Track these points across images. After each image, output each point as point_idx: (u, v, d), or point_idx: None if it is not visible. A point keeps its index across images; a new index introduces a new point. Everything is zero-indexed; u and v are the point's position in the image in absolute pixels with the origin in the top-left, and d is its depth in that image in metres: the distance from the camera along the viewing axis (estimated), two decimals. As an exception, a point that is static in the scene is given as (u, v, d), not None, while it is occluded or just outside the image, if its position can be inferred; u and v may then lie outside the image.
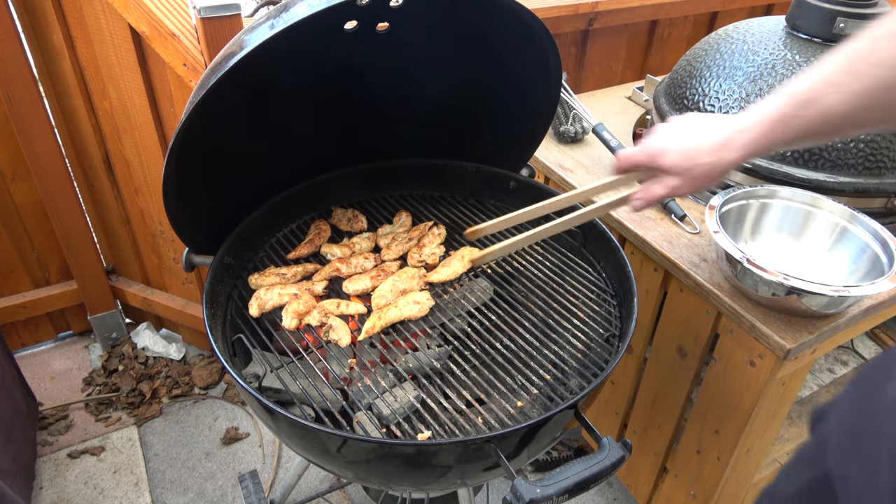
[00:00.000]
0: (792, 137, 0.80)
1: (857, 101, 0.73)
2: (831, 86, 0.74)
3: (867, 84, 0.72)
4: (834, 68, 0.75)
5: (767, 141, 0.81)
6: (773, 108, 0.80)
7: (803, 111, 0.77)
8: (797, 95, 0.77)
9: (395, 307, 1.12)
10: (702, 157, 0.86)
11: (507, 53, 1.22)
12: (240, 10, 1.35)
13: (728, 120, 0.86)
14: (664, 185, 0.92)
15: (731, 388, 1.28)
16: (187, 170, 1.06)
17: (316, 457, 0.96)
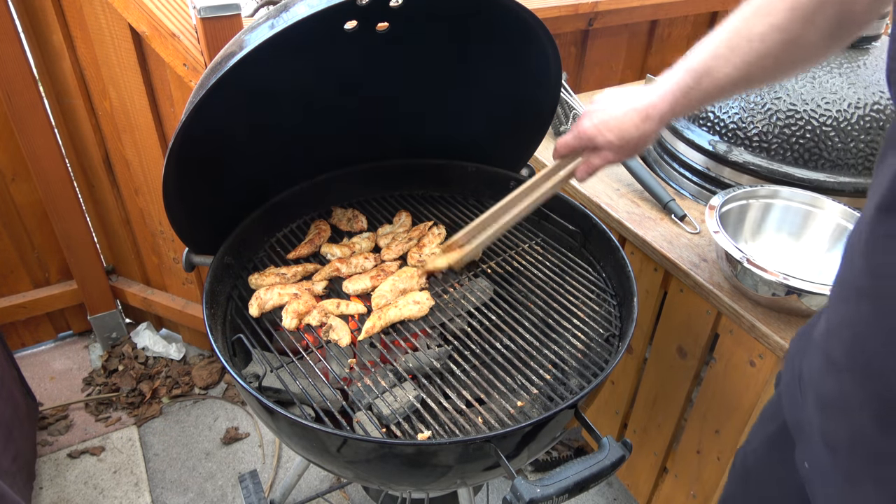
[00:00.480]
0: (695, 104, 0.94)
1: (740, 70, 0.87)
2: (719, 59, 0.88)
3: (745, 56, 0.86)
4: (718, 43, 0.89)
5: (677, 109, 0.96)
6: (677, 81, 0.93)
7: (700, 83, 0.91)
8: (694, 69, 0.91)
9: (395, 307, 1.12)
10: (630, 132, 0.98)
11: (507, 53, 1.22)
12: (240, 10, 1.35)
13: (641, 95, 0.98)
14: (601, 157, 1.05)
15: (731, 388, 1.28)
16: (187, 170, 1.06)
17: (316, 457, 0.96)
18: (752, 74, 0.87)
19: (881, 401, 0.56)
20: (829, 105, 1.32)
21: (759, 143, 1.38)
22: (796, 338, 0.87)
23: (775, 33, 0.82)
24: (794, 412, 0.79)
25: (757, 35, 0.84)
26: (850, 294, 0.61)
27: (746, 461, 0.96)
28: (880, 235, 0.57)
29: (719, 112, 1.43)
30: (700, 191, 1.49)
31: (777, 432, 0.87)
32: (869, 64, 1.36)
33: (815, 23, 0.80)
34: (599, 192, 1.50)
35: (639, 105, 0.97)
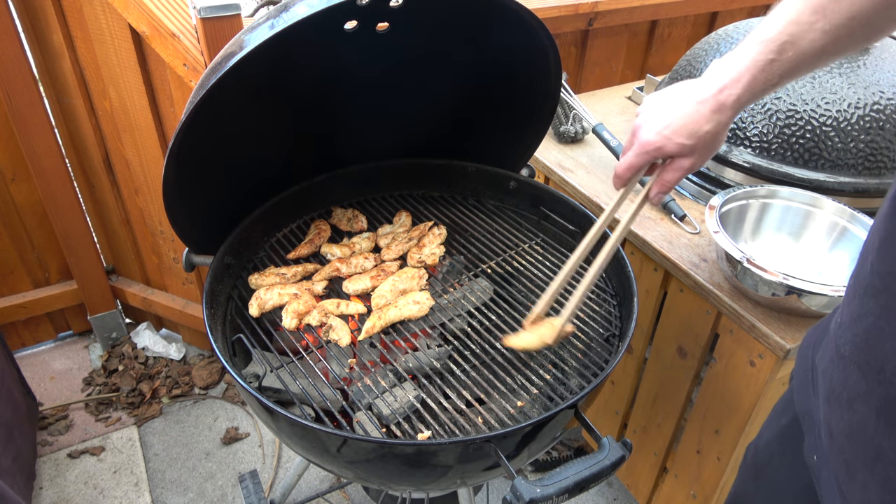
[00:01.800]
0: (775, 81, 0.82)
1: (828, 36, 0.77)
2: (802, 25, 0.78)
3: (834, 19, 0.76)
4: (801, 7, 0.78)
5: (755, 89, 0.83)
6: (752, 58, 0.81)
7: (783, 54, 0.79)
8: (774, 41, 0.80)
9: (395, 307, 1.12)
10: (703, 127, 0.86)
11: (507, 53, 1.22)
12: (240, 10, 1.35)
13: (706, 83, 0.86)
14: (676, 168, 0.90)
15: (731, 388, 1.28)
16: (187, 170, 1.06)
17: (316, 457, 0.96)
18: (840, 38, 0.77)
19: (885, 398, 0.57)
20: (829, 105, 1.32)
21: (759, 143, 1.38)
22: (812, 330, 0.85)
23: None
24: (804, 403, 0.79)
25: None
26: (861, 291, 0.61)
27: (758, 456, 0.94)
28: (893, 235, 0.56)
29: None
30: (700, 191, 1.49)
31: (789, 425, 0.86)
32: (869, 64, 1.36)
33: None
34: (599, 192, 1.50)
35: (707, 94, 0.85)
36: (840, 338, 0.65)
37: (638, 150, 0.91)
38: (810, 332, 0.86)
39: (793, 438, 0.84)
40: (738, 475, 1.03)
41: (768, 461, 0.92)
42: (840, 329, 0.65)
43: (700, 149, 0.88)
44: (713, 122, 0.85)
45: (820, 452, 0.73)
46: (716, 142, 0.88)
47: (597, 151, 1.68)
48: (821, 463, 0.73)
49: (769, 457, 0.92)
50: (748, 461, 0.98)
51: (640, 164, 0.93)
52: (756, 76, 0.82)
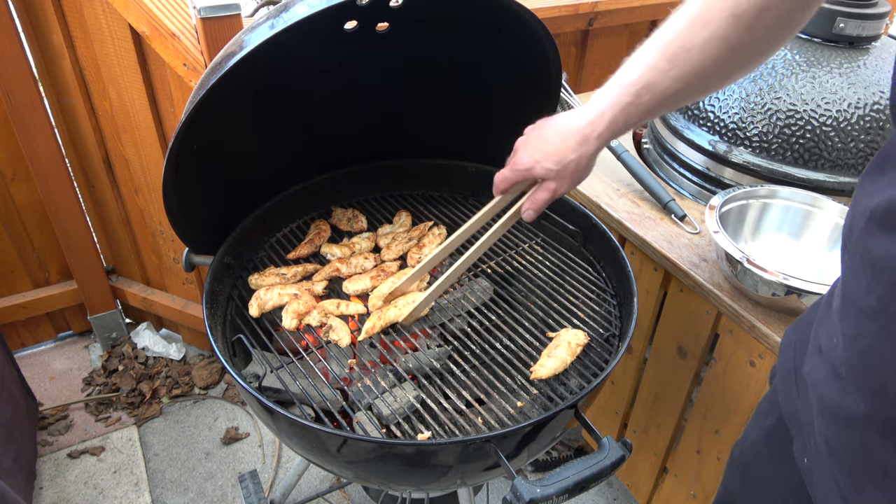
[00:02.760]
0: (635, 120, 0.90)
1: (681, 82, 0.84)
2: (658, 72, 0.85)
3: (686, 67, 0.83)
4: (655, 55, 0.86)
5: (616, 128, 0.91)
6: (614, 99, 0.89)
7: (641, 98, 0.87)
8: (633, 84, 0.87)
9: (394, 307, 1.12)
10: (568, 156, 0.94)
11: (506, 53, 1.22)
12: (240, 10, 1.35)
13: (577, 116, 0.94)
14: (545, 189, 0.99)
15: (731, 388, 1.28)
16: (187, 170, 1.06)
17: (316, 457, 0.96)
18: (693, 85, 0.84)
19: (888, 420, 0.56)
20: (829, 105, 1.32)
21: (759, 143, 1.38)
22: (791, 329, 0.86)
23: (716, 42, 0.80)
24: (790, 406, 0.79)
25: (697, 45, 0.81)
26: (856, 311, 0.60)
27: (744, 456, 0.95)
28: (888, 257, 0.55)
29: (719, 112, 1.43)
30: (700, 191, 1.49)
31: (775, 426, 0.86)
32: (869, 64, 1.36)
33: (756, 29, 0.78)
34: (599, 192, 1.50)
35: (574, 127, 0.93)
36: (835, 357, 0.64)
37: (511, 167, 1.01)
38: (789, 331, 0.87)
39: (779, 439, 0.84)
40: (725, 474, 1.03)
41: (755, 461, 0.92)
42: (835, 349, 0.64)
43: (565, 175, 0.96)
44: (578, 152, 0.93)
45: (811, 456, 0.73)
46: (580, 169, 0.95)
47: (597, 151, 1.68)
48: (812, 466, 0.73)
49: (755, 456, 0.92)
50: (734, 460, 0.99)
51: (512, 179, 1.02)
52: (616, 116, 0.89)
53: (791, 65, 1.37)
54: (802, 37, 1.41)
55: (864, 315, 0.58)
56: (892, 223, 0.55)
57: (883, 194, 0.57)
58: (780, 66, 1.38)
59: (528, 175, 0.99)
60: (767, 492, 0.90)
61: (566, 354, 1.04)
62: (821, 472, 0.70)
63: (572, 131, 0.93)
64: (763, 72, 1.39)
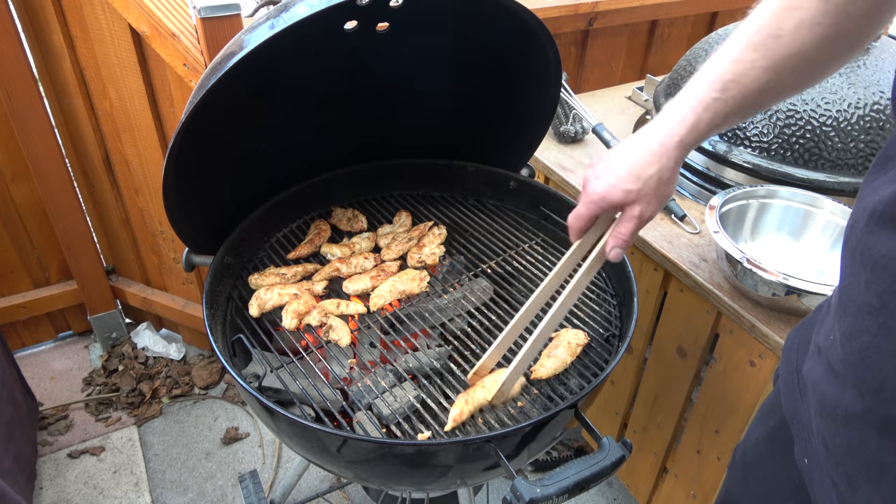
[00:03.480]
0: (720, 120, 0.81)
1: (769, 73, 0.77)
2: (743, 63, 0.77)
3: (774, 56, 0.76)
4: (742, 46, 0.78)
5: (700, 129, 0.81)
6: (696, 98, 0.80)
7: (727, 93, 0.79)
8: (717, 79, 0.79)
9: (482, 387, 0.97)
10: (648, 171, 0.83)
11: (507, 53, 1.22)
12: (240, 10, 1.35)
13: (651, 127, 0.84)
14: (629, 218, 0.86)
15: (731, 388, 1.28)
16: (187, 170, 1.06)
17: (316, 457, 0.96)
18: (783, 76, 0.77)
19: (886, 417, 0.56)
20: (829, 105, 1.32)
21: (759, 143, 1.38)
22: (794, 332, 0.86)
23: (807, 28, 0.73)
24: (792, 407, 0.79)
25: (787, 31, 0.74)
26: (855, 309, 0.60)
27: (746, 457, 0.95)
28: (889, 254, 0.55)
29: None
30: (700, 191, 1.49)
31: (777, 427, 0.86)
32: (869, 64, 1.36)
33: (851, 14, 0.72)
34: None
35: (650, 138, 0.83)
36: (832, 355, 0.64)
37: (584, 200, 0.89)
38: (792, 334, 0.86)
39: (781, 440, 0.84)
40: (727, 476, 1.03)
41: (757, 462, 0.92)
42: (832, 347, 0.64)
43: (646, 194, 0.84)
44: (657, 165, 0.82)
45: (811, 456, 0.73)
46: (662, 186, 0.84)
47: (597, 151, 1.68)
48: (812, 466, 0.73)
49: (758, 458, 0.92)
50: (737, 462, 0.99)
51: (588, 215, 0.90)
52: (700, 116, 0.80)
53: (791, 65, 1.37)
54: (802, 37, 1.41)
55: (863, 312, 0.58)
56: (890, 220, 0.55)
57: (883, 191, 0.57)
58: (780, 66, 1.38)
59: (604, 204, 0.86)
60: (769, 492, 0.90)
61: (566, 354, 1.04)
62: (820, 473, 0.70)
63: (648, 143, 0.83)
64: (763, 72, 1.39)
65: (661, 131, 0.82)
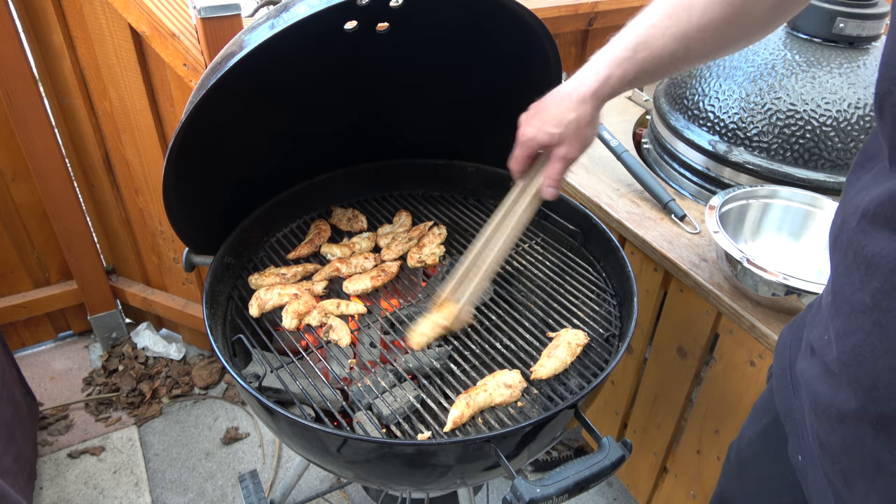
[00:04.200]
0: (632, 77, 0.90)
1: (678, 42, 0.84)
2: (657, 28, 0.85)
3: (685, 26, 0.82)
4: (656, 14, 0.86)
5: (611, 83, 0.91)
6: (612, 55, 0.90)
7: (636, 53, 0.87)
8: (631, 40, 0.88)
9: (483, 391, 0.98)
10: (568, 116, 0.93)
11: (507, 53, 1.22)
12: (240, 10, 1.35)
13: (573, 79, 0.94)
14: (556, 158, 0.98)
15: (731, 388, 1.28)
16: (187, 170, 1.06)
17: (316, 457, 0.96)
18: (691, 48, 0.84)
19: (881, 415, 0.56)
20: (829, 105, 1.32)
21: (759, 143, 1.38)
22: (786, 329, 0.86)
23: (718, 4, 0.79)
24: (785, 404, 0.80)
25: (699, 4, 0.81)
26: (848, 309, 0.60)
27: (741, 455, 0.95)
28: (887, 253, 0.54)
29: (719, 112, 1.43)
30: (700, 191, 1.49)
31: (771, 425, 0.87)
32: (869, 64, 1.36)
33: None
34: (599, 192, 1.50)
35: (571, 88, 0.94)
36: (826, 355, 0.64)
37: (518, 142, 1.00)
38: (784, 331, 0.87)
39: (775, 437, 0.84)
40: (722, 474, 1.03)
41: (752, 460, 0.92)
42: (827, 346, 0.64)
43: (568, 136, 0.95)
44: (576, 111, 0.93)
45: (805, 454, 0.73)
46: (581, 130, 0.94)
47: (597, 151, 1.68)
48: (806, 463, 0.73)
49: (752, 455, 0.92)
50: (731, 460, 0.99)
51: (523, 155, 1.01)
52: (612, 72, 0.90)
53: (791, 65, 1.37)
54: (802, 37, 1.41)
55: (857, 311, 0.58)
56: (884, 219, 0.55)
57: (872, 190, 0.57)
58: (780, 66, 1.38)
59: (533, 144, 0.98)
60: (763, 490, 0.90)
61: (566, 354, 1.04)
62: (814, 470, 0.70)
63: (569, 92, 0.94)
64: (763, 72, 1.39)
65: (580, 82, 0.93)
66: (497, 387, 0.98)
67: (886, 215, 0.54)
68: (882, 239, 0.55)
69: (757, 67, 1.40)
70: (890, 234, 0.54)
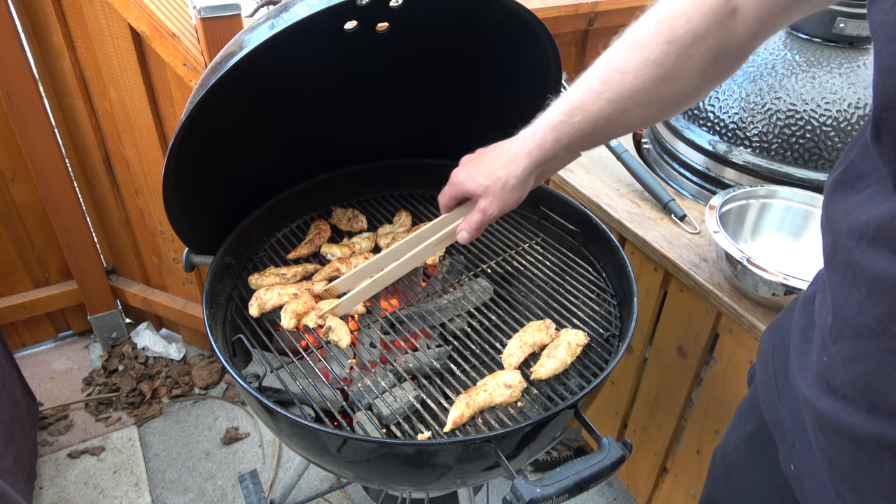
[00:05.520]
0: (568, 141, 0.89)
1: (613, 105, 0.83)
2: (592, 93, 0.84)
3: (618, 89, 0.82)
4: (591, 78, 0.85)
5: (547, 147, 0.90)
6: (548, 118, 0.89)
7: (573, 117, 0.86)
8: (567, 105, 0.87)
9: (483, 391, 0.98)
10: (498, 172, 0.94)
11: (507, 53, 1.22)
12: (240, 10, 1.35)
13: (515, 138, 0.94)
14: (477, 209, 0.98)
15: (731, 388, 1.28)
16: (187, 170, 1.06)
17: (316, 457, 0.96)
18: (626, 110, 0.83)
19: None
20: (829, 105, 1.32)
21: (759, 143, 1.38)
22: (766, 335, 0.86)
23: (650, 67, 0.80)
24: (772, 412, 0.79)
25: (631, 68, 0.81)
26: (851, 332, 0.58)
27: (726, 460, 0.95)
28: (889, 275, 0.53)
29: (719, 112, 1.43)
30: (700, 191, 1.49)
31: (756, 430, 0.86)
32: (869, 64, 1.36)
33: (692, 57, 0.78)
34: (599, 192, 1.50)
35: (512, 146, 0.94)
36: (833, 378, 0.62)
37: (450, 182, 1.03)
38: (765, 337, 0.86)
39: (761, 443, 0.84)
40: (708, 479, 1.03)
41: (738, 465, 0.92)
42: (831, 369, 0.62)
43: (493, 192, 0.95)
44: (507, 170, 0.93)
45: (800, 463, 0.72)
46: (507, 190, 0.94)
47: (596, 151, 1.68)
48: (801, 473, 0.72)
49: (738, 461, 0.92)
50: (716, 465, 0.99)
51: (449, 194, 1.04)
52: (547, 135, 0.89)
53: (791, 65, 1.37)
54: (802, 37, 1.41)
55: (863, 336, 0.57)
56: (885, 241, 0.54)
57: (869, 210, 0.56)
58: (780, 66, 1.38)
59: (461, 189, 1.00)
60: (751, 495, 0.89)
61: (566, 355, 1.04)
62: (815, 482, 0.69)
63: (507, 148, 0.94)
64: (763, 72, 1.39)
65: (518, 143, 0.93)
66: (497, 387, 0.98)
67: (887, 237, 0.53)
68: (883, 261, 0.53)
69: (757, 67, 1.40)
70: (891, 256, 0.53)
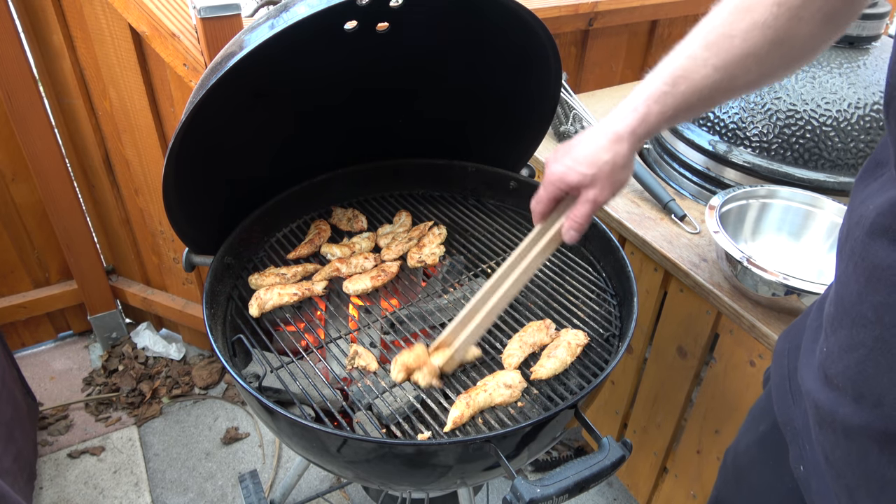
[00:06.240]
0: (672, 113, 0.83)
1: (721, 72, 0.79)
2: (696, 59, 0.80)
3: (726, 55, 0.78)
4: (695, 44, 0.80)
5: (651, 121, 0.84)
6: (650, 90, 0.83)
7: (678, 87, 0.81)
8: (669, 73, 0.82)
9: (483, 391, 0.98)
10: (602, 156, 0.86)
11: (507, 53, 1.22)
12: (240, 10, 1.35)
13: (608, 118, 0.88)
14: (584, 202, 0.90)
15: (731, 388, 1.28)
16: (187, 170, 1.06)
17: (316, 457, 0.96)
18: (735, 76, 0.79)
19: (886, 431, 0.55)
20: (829, 105, 1.32)
21: (759, 143, 1.38)
22: (783, 336, 0.86)
23: (759, 30, 0.75)
24: (785, 413, 0.79)
25: (739, 32, 0.76)
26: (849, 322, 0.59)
27: (738, 461, 0.95)
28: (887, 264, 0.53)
29: (719, 112, 1.43)
30: (700, 191, 1.49)
31: (768, 431, 0.86)
32: (869, 64, 1.36)
33: (803, 18, 0.73)
34: (599, 192, 1.50)
35: (607, 127, 0.87)
36: (829, 368, 0.62)
37: (545, 182, 0.93)
38: (781, 338, 0.86)
39: (774, 444, 0.84)
40: (718, 479, 1.03)
41: (749, 466, 0.91)
42: (828, 359, 0.63)
43: (602, 178, 0.88)
44: (612, 151, 0.86)
45: (808, 464, 0.72)
46: (616, 172, 0.88)
47: (597, 151, 1.68)
48: (809, 474, 0.72)
49: (750, 462, 0.91)
50: (728, 465, 0.98)
51: (548, 196, 0.94)
52: (650, 108, 0.83)
53: (791, 65, 1.37)
54: (802, 37, 1.41)
55: (858, 325, 0.57)
56: (883, 228, 0.54)
57: (877, 199, 0.56)
58: (780, 66, 1.38)
59: (562, 185, 0.90)
60: (762, 497, 0.89)
61: (566, 355, 1.04)
62: (818, 482, 0.69)
63: (604, 131, 0.87)
64: (763, 72, 1.39)
65: (616, 121, 0.86)
66: (497, 387, 0.98)
67: (885, 224, 0.53)
68: (881, 249, 0.53)
69: (757, 67, 1.40)
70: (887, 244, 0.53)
